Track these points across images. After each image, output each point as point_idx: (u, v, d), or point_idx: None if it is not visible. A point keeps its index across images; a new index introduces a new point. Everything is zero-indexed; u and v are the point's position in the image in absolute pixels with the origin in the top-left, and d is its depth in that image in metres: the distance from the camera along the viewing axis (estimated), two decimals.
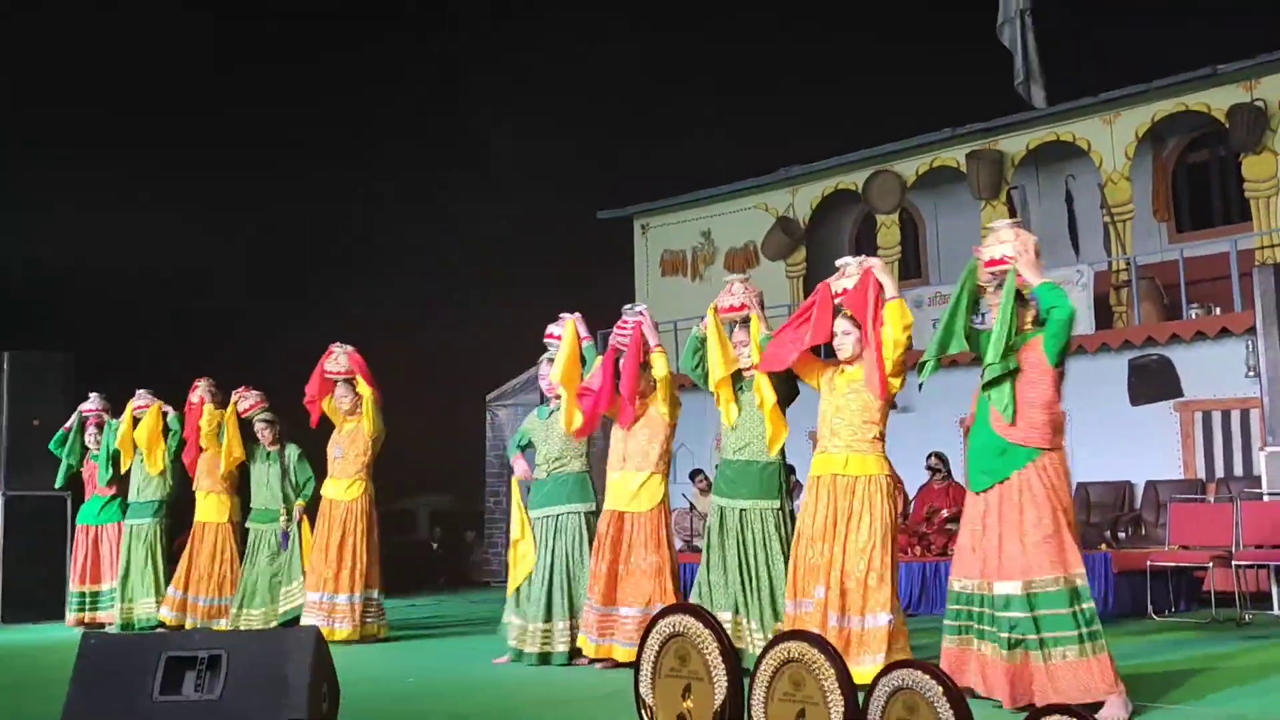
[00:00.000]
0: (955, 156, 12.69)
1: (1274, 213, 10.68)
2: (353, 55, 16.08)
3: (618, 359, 5.66)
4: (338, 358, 7.00)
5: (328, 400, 7.07)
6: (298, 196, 14.91)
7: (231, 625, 7.27)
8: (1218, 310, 10.14)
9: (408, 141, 16.51)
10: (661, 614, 3.52)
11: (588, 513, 5.84)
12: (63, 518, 9.02)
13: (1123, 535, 9.11)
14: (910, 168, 13.08)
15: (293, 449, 7.55)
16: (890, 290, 4.68)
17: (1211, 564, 7.15)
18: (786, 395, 5.19)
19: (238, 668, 3.70)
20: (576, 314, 5.97)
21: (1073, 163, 12.33)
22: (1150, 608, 7.22)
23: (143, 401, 8.06)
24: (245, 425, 7.65)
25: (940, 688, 2.84)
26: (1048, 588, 4.01)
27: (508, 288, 15.21)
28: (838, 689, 3.02)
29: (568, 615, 5.66)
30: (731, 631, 4.86)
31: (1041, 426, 4.16)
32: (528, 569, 5.87)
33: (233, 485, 7.86)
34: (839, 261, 4.94)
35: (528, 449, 6.17)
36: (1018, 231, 4.37)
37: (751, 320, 5.29)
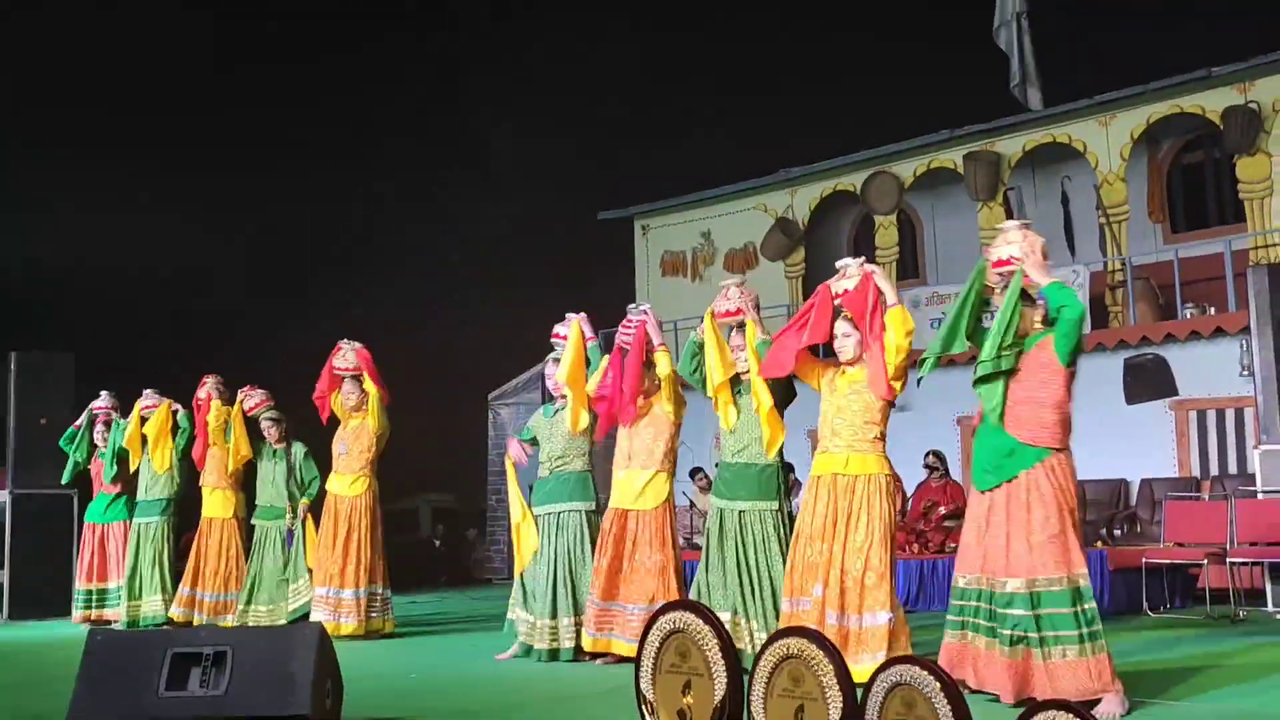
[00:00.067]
0: (953, 158, 12.74)
1: (1268, 213, 10.73)
2: (353, 55, 16.02)
3: (623, 358, 5.66)
4: (346, 354, 7.02)
5: (335, 396, 7.09)
6: (298, 196, 14.86)
7: (239, 621, 7.30)
8: (1212, 310, 10.19)
9: (408, 141, 16.45)
10: (662, 610, 3.51)
11: (588, 511, 5.86)
12: (69, 516, 9.07)
13: (1118, 533, 9.15)
14: (908, 169, 13.12)
15: (299, 447, 7.57)
16: (890, 297, 4.67)
17: (1206, 561, 7.19)
18: (784, 397, 5.19)
19: (243, 664, 3.76)
20: (581, 314, 5.97)
21: (1069, 164, 12.37)
22: (1145, 605, 7.25)
23: (150, 401, 8.08)
24: (251, 423, 7.68)
25: (938, 684, 2.83)
26: (1051, 587, 4.02)
27: (508, 288, 15.19)
28: (836, 685, 3.01)
29: (572, 612, 5.69)
30: (730, 633, 4.87)
31: (1052, 426, 4.15)
32: (533, 549, 5.90)
33: (238, 481, 7.88)
34: (839, 263, 4.92)
35: (532, 444, 6.19)
36: (1025, 232, 4.35)
37: (747, 325, 5.27)
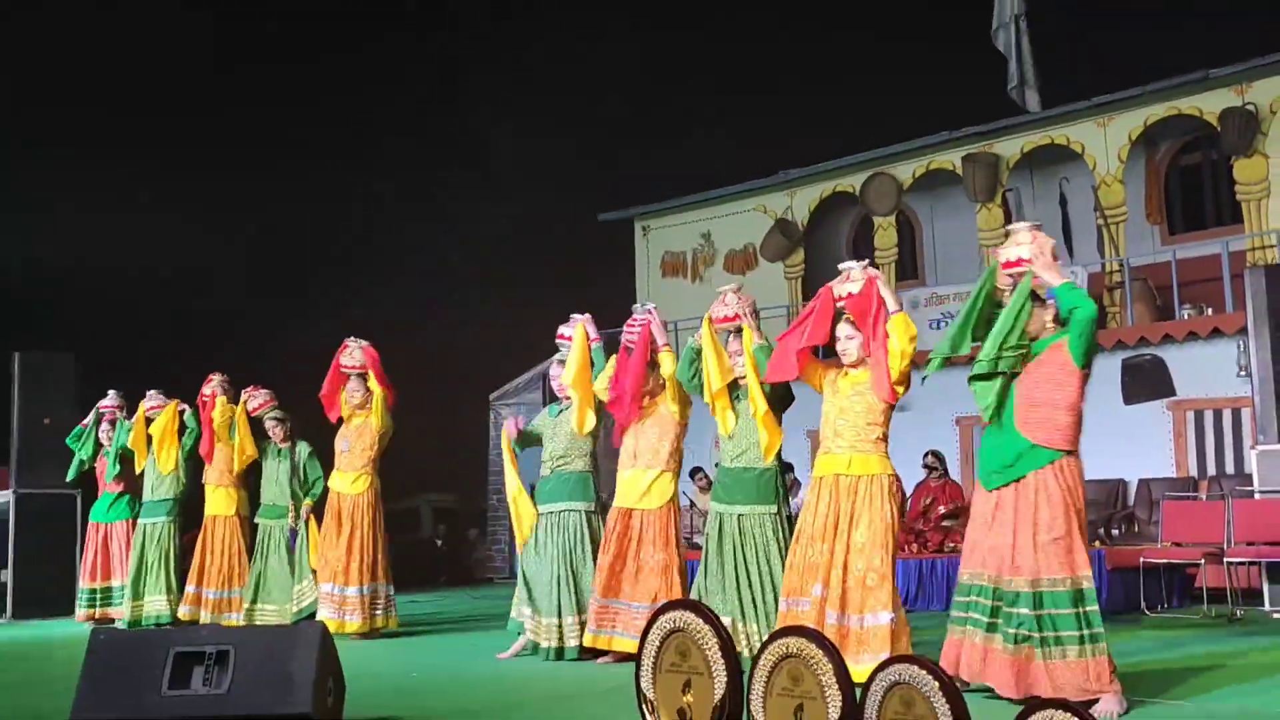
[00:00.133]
0: (951, 159, 12.77)
1: (1265, 215, 10.76)
2: (353, 55, 16.04)
3: (629, 357, 5.67)
4: (352, 352, 7.02)
5: (341, 394, 7.09)
6: (298, 196, 14.88)
7: (245, 620, 7.32)
8: (1210, 311, 10.22)
9: (408, 141, 16.47)
10: (662, 609, 3.50)
11: (588, 511, 5.89)
12: (72, 515, 9.10)
13: (1116, 532, 9.19)
14: (907, 170, 13.16)
15: (303, 446, 7.58)
16: (892, 305, 4.66)
17: (1204, 561, 7.22)
18: (782, 400, 5.21)
19: (245, 663, 3.78)
20: (586, 315, 5.98)
21: (1067, 166, 12.40)
22: (1143, 604, 7.27)
23: (154, 402, 8.09)
24: (256, 424, 7.70)
25: (936, 683, 2.83)
26: (1055, 588, 4.04)
27: (508, 288, 15.21)
28: (835, 684, 3.02)
29: (575, 611, 5.72)
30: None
31: (1066, 429, 4.13)
32: (531, 520, 5.95)
33: (241, 479, 7.90)
34: (842, 266, 4.91)
35: (532, 437, 6.17)
36: (1035, 234, 4.33)
37: (744, 331, 5.26)
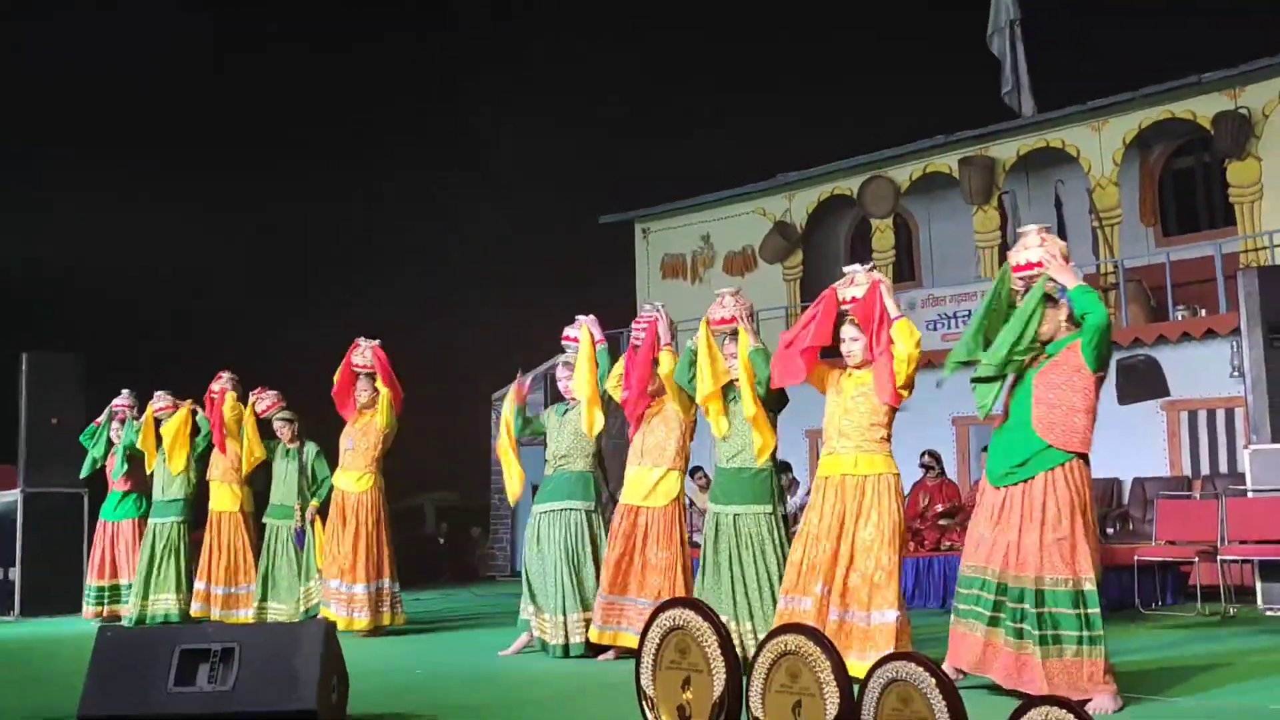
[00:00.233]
0: (948, 162, 12.84)
1: (1258, 217, 10.84)
2: (353, 55, 16.08)
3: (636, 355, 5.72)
4: (364, 351, 7.04)
5: (352, 392, 7.11)
6: (298, 196, 14.91)
7: (256, 617, 7.37)
8: (1203, 312, 10.28)
9: (408, 141, 16.48)
10: (662, 607, 3.50)
11: (588, 510, 5.94)
12: (79, 514, 9.13)
13: (1111, 531, 9.25)
14: (904, 173, 13.23)
15: (311, 446, 7.61)
16: (894, 310, 4.68)
17: (1197, 559, 7.28)
18: (776, 402, 5.24)
19: (250, 660, 3.84)
20: (590, 316, 6.01)
21: (1062, 168, 12.46)
22: (1138, 602, 7.33)
23: (162, 403, 8.12)
24: (264, 425, 7.74)
25: (933, 679, 2.85)
26: (1056, 587, 4.08)
27: (508, 288, 15.26)
28: (833, 681, 3.04)
29: (579, 607, 5.77)
30: None
31: (1083, 431, 4.15)
32: (519, 477, 6.12)
33: (245, 476, 7.93)
34: (847, 269, 4.94)
35: (533, 429, 6.20)
36: (1044, 236, 4.32)
37: (740, 333, 5.29)
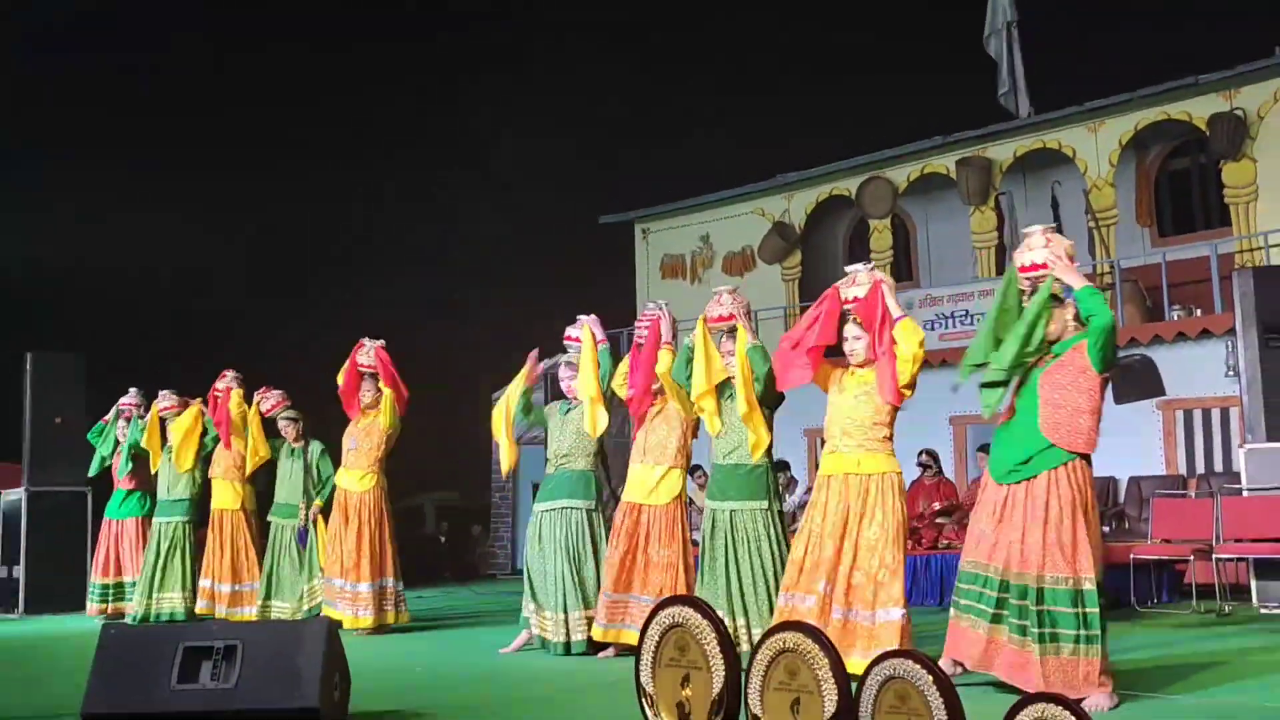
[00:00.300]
0: (945, 163, 12.90)
1: (1253, 218, 10.90)
2: (353, 55, 16.09)
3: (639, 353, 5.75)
4: (368, 351, 7.07)
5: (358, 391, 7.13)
6: (298, 196, 14.93)
7: (260, 615, 7.40)
8: (1199, 312, 10.31)
9: (408, 141, 16.50)
10: (661, 605, 3.53)
11: (589, 509, 5.96)
12: (83, 512, 9.17)
13: (1107, 529, 9.27)
14: (902, 174, 13.28)
15: (316, 446, 7.63)
16: (896, 311, 4.71)
17: (1192, 557, 7.30)
18: (772, 399, 5.27)
19: (253, 658, 3.87)
20: (592, 316, 6.02)
21: (1059, 169, 12.52)
22: (1134, 600, 7.36)
23: (167, 403, 8.16)
24: (268, 425, 7.77)
25: (931, 677, 2.88)
26: (1057, 585, 4.10)
27: (508, 288, 15.28)
28: (831, 678, 3.06)
29: (581, 606, 5.81)
30: None
31: (1088, 431, 4.19)
32: (511, 459, 6.24)
33: (246, 474, 7.95)
34: (849, 269, 4.95)
35: (534, 418, 6.21)
36: (1049, 237, 4.34)
37: (738, 331, 5.32)
